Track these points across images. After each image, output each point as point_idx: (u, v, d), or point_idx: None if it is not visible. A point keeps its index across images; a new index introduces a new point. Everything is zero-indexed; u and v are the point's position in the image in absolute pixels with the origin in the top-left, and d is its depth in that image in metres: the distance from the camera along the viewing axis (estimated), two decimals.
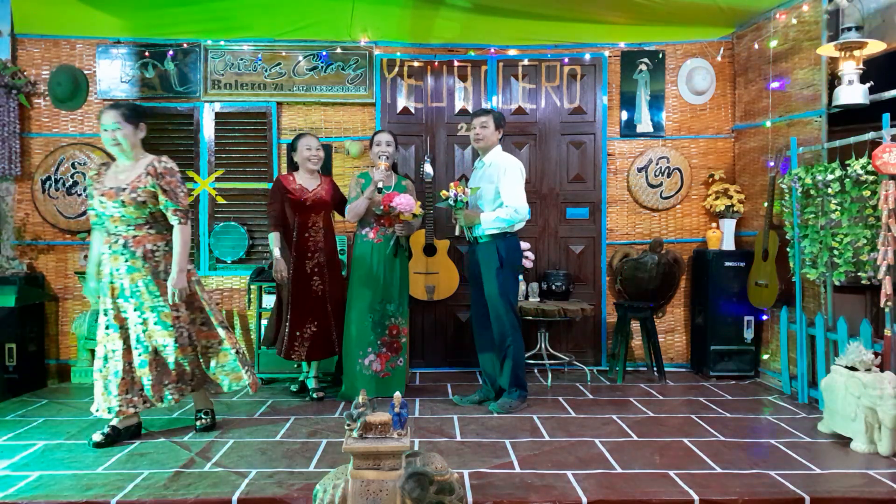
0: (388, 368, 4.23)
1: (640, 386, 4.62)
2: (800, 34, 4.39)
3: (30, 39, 4.97)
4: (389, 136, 4.29)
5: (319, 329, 4.19)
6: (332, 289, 4.25)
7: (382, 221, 4.25)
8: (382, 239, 4.25)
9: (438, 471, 2.35)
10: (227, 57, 5.04)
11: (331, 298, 4.23)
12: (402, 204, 4.04)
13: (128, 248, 3.32)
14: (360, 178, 4.35)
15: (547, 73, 5.19)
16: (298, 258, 4.18)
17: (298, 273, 4.17)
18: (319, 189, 4.24)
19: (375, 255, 4.23)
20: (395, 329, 4.26)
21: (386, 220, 4.24)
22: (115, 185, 3.32)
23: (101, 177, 3.38)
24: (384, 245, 4.24)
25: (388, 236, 4.25)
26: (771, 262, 4.41)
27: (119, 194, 3.28)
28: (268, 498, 2.64)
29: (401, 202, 4.04)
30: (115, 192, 3.29)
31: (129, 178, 3.32)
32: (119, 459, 3.09)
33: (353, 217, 4.26)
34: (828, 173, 3.80)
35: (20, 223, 4.96)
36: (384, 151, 4.21)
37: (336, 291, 4.27)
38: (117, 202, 3.28)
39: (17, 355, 4.45)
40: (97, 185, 3.36)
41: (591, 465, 3.00)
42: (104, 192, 3.32)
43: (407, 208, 4.05)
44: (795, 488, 2.72)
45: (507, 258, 3.94)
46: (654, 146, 5.20)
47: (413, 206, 4.08)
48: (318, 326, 4.18)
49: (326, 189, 4.29)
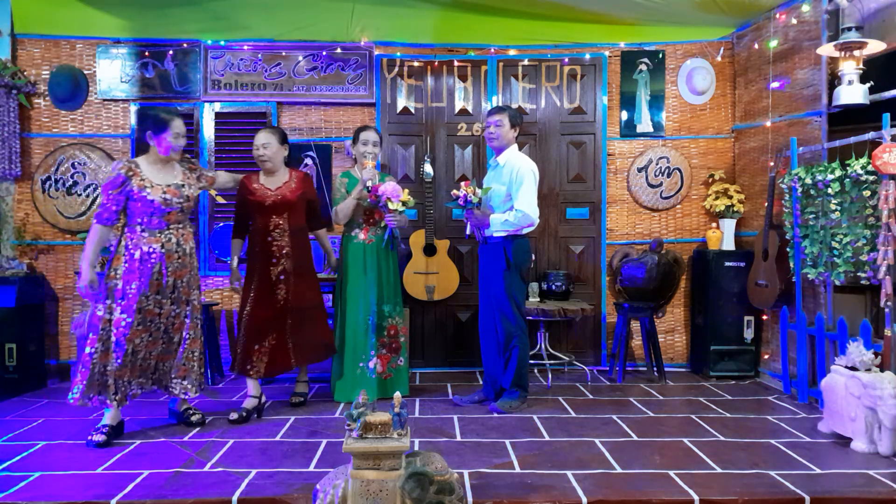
0: (389, 369, 4.20)
1: (640, 386, 4.62)
2: (800, 34, 4.39)
3: (30, 39, 4.97)
4: (376, 134, 4.20)
5: (278, 342, 3.88)
6: (297, 298, 3.90)
7: (371, 221, 4.18)
8: (374, 239, 4.17)
9: (438, 471, 2.35)
10: (227, 57, 5.04)
11: (293, 309, 3.90)
12: (389, 191, 3.96)
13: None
14: (343, 178, 4.24)
15: (547, 73, 5.19)
16: (262, 265, 3.85)
17: (262, 281, 3.85)
18: (284, 188, 3.90)
19: (367, 256, 4.15)
20: (393, 329, 4.22)
21: (377, 214, 4.15)
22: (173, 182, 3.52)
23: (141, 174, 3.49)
24: (375, 245, 4.16)
25: (378, 236, 4.18)
26: (771, 262, 4.41)
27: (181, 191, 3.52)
28: (268, 498, 2.64)
29: (387, 189, 3.96)
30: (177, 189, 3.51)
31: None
32: (119, 459, 3.09)
33: (342, 218, 4.17)
34: (828, 173, 3.80)
35: (20, 223, 4.96)
36: (371, 152, 4.14)
37: (302, 300, 3.92)
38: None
39: (17, 355, 4.45)
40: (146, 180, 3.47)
41: (591, 465, 3.00)
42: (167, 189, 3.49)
43: (394, 195, 3.97)
44: (795, 488, 2.72)
45: (514, 260, 3.92)
46: (654, 146, 5.20)
47: (399, 192, 3.99)
48: (276, 339, 3.88)
49: (294, 188, 3.92)
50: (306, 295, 3.97)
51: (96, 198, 4.96)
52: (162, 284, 3.45)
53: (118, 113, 5.05)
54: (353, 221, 4.19)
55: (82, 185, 4.96)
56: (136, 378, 3.48)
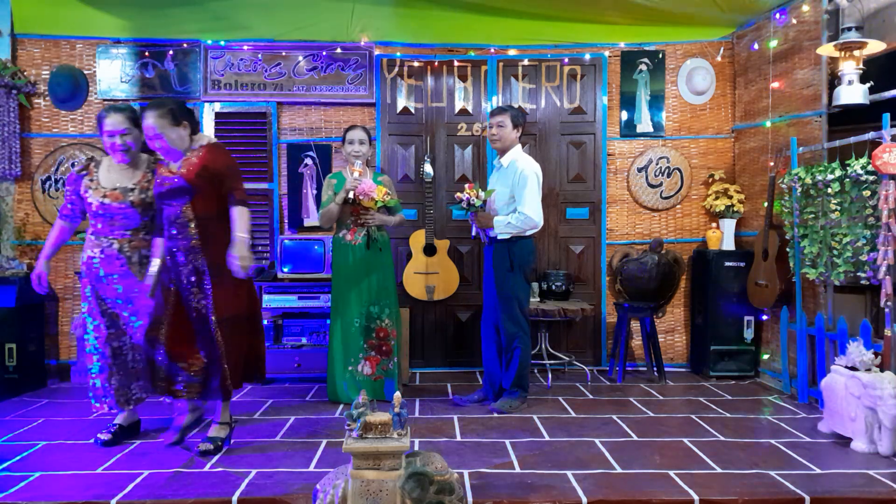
0: (379, 371, 4.11)
1: (640, 386, 4.62)
2: (800, 34, 4.39)
3: (30, 39, 4.97)
4: (363, 132, 4.07)
5: (209, 359, 3.21)
6: (222, 304, 3.16)
7: (359, 222, 4.06)
8: (361, 240, 4.07)
9: (438, 471, 2.35)
10: (227, 57, 5.04)
11: (219, 319, 3.15)
12: (362, 189, 3.85)
13: None
14: (332, 179, 4.16)
15: (547, 73, 5.19)
16: (170, 265, 3.24)
17: (170, 286, 3.24)
18: (181, 170, 3.16)
19: (354, 257, 4.07)
20: (383, 331, 4.10)
21: (354, 210, 4.02)
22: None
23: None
24: (362, 246, 4.08)
25: (365, 237, 4.10)
26: (771, 262, 4.41)
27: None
28: (268, 498, 2.64)
29: (363, 187, 3.86)
30: None
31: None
32: (119, 459, 3.09)
33: (326, 222, 4.11)
34: (828, 173, 3.80)
35: (20, 223, 4.96)
36: (357, 151, 4.02)
37: (230, 307, 3.19)
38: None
39: (17, 355, 4.45)
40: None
41: (591, 465, 3.00)
42: None
43: (367, 193, 3.85)
44: (795, 488, 2.72)
45: (518, 261, 3.93)
46: (654, 146, 5.20)
47: (373, 190, 3.87)
48: (207, 357, 3.21)
49: (192, 167, 3.14)
50: (236, 299, 3.25)
51: None
52: (109, 292, 3.30)
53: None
54: (341, 222, 4.11)
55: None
56: (135, 381, 3.40)
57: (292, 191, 5.10)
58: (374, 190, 3.91)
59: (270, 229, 5.08)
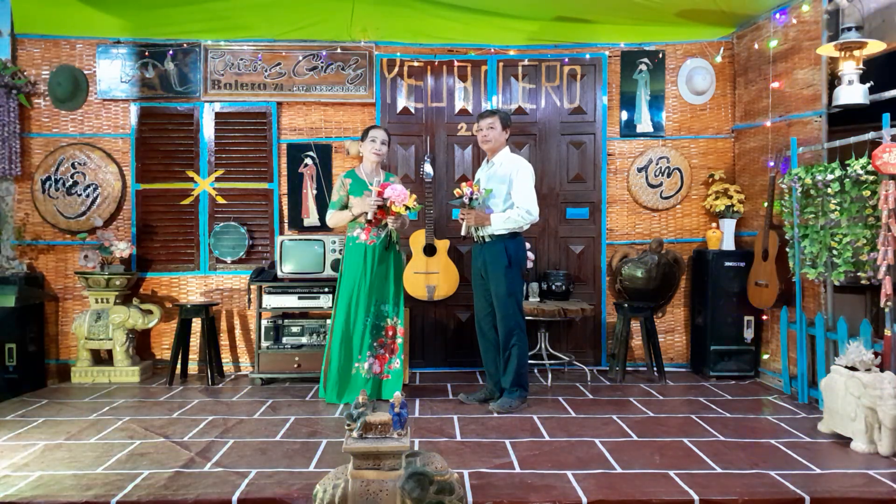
0: (386, 370, 4.17)
1: (640, 386, 4.62)
2: (800, 34, 4.39)
3: (30, 39, 4.97)
4: (385, 133, 4.18)
5: None
6: None
7: (374, 222, 4.09)
8: (375, 240, 4.11)
9: (438, 471, 2.35)
10: (227, 57, 5.04)
11: None
12: (395, 195, 3.89)
13: None
14: (346, 179, 4.19)
15: (547, 73, 5.19)
16: None
17: None
18: None
19: (368, 256, 4.10)
20: (391, 329, 4.18)
21: (380, 213, 4.05)
22: None
23: None
24: (376, 246, 4.11)
25: (380, 237, 4.13)
26: (771, 262, 4.41)
27: None
28: (268, 498, 2.64)
29: (394, 192, 3.89)
30: None
31: None
32: (119, 459, 3.09)
33: (335, 225, 4.17)
34: (828, 173, 3.80)
35: (20, 223, 4.96)
36: (378, 150, 4.12)
37: None
38: None
39: (17, 355, 4.45)
40: None
41: (591, 465, 3.00)
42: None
43: (399, 199, 3.90)
44: (795, 488, 2.72)
45: (514, 257, 3.95)
46: (654, 146, 5.20)
47: (406, 196, 3.93)
48: None
49: None
50: None
51: (96, 198, 4.97)
52: None
53: (118, 113, 5.05)
54: (355, 222, 4.15)
55: (82, 185, 4.95)
56: None
57: (292, 191, 5.11)
58: (407, 197, 3.95)
59: (270, 229, 5.08)
